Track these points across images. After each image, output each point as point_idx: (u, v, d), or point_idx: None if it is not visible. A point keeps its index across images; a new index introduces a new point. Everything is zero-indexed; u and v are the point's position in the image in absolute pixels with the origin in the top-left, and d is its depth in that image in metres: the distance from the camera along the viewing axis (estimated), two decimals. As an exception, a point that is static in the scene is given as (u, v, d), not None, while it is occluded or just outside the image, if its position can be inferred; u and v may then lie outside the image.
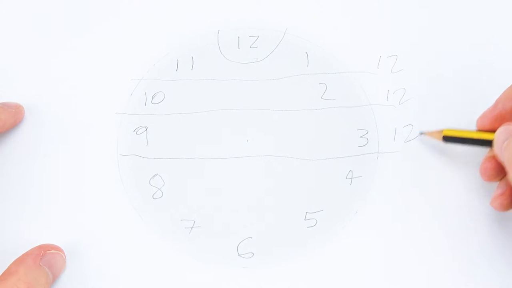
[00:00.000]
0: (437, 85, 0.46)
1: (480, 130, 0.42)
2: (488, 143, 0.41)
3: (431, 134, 0.44)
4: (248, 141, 0.45)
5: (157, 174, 0.44)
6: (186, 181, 0.44)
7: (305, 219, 0.44)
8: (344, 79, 0.46)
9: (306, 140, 0.45)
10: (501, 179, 0.42)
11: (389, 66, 0.47)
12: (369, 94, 0.46)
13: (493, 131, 0.41)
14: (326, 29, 0.48)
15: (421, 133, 0.45)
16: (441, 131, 0.43)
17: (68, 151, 0.45)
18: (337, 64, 0.47)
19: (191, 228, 0.43)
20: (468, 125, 0.44)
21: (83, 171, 0.44)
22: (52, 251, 0.41)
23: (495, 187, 0.42)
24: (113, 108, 0.46)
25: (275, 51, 0.47)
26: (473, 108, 0.45)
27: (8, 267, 0.39)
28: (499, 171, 0.41)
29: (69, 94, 0.46)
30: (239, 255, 0.43)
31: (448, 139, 0.43)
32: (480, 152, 0.44)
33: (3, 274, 0.39)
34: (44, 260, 0.40)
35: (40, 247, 0.41)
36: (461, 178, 0.44)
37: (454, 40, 0.47)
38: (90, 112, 0.46)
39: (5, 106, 0.44)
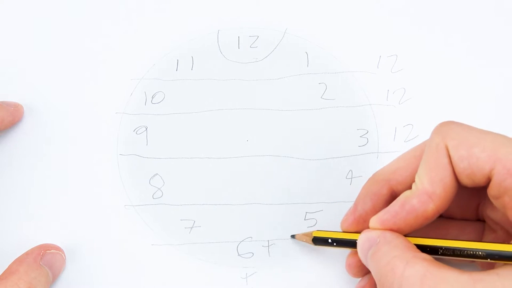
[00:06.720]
0: (437, 85, 0.46)
1: (345, 232, 0.39)
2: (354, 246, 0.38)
3: (300, 238, 0.42)
4: (248, 141, 0.45)
5: (157, 174, 0.44)
6: (186, 181, 0.44)
7: (305, 219, 0.44)
8: (344, 79, 0.47)
9: (306, 140, 0.45)
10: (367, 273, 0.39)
11: (389, 66, 0.47)
12: (369, 94, 0.46)
13: (358, 232, 0.37)
14: (326, 29, 0.48)
15: (292, 236, 0.42)
16: (311, 235, 0.40)
17: (67, 151, 0.45)
18: (337, 64, 0.47)
19: (191, 228, 0.43)
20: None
21: (83, 171, 0.44)
22: (52, 250, 0.41)
23: None
24: (113, 108, 0.46)
25: (275, 51, 0.47)
26: (473, 108, 0.45)
27: (9, 266, 0.39)
28: (364, 267, 0.38)
29: (69, 94, 0.46)
30: (239, 255, 0.43)
31: (317, 242, 0.40)
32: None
33: (3, 273, 0.39)
34: (44, 260, 0.40)
35: (40, 246, 0.41)
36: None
37: (454, 40, 0.47)
38: (90, 111, 0.46)
39: (4, 104, 0.44)
